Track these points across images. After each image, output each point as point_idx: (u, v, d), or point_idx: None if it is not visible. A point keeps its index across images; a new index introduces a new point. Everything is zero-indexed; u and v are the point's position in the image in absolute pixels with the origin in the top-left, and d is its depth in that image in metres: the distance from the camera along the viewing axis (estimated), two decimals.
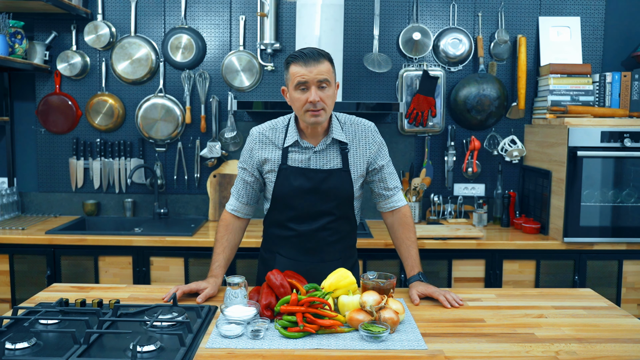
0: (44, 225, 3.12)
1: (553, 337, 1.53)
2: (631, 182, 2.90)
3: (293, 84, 1.77)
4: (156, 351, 1.38)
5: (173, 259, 2.89)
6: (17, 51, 3.13)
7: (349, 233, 2.00)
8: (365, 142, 1.93)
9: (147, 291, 1.94)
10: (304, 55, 1.75)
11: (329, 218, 1.91)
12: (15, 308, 1.65)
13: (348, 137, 1.91)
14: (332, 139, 1.88)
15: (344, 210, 1.93)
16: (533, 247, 2.89)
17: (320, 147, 1.88)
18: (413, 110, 3.26)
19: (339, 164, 1.89)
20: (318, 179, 1.87)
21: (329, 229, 1.92)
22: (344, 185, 1.89)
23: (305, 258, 1.95)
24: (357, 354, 1.42)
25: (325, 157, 1.89)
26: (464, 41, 3.31)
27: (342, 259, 1.99)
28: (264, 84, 3.35)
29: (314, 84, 1.75)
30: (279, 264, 1.97)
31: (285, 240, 1.96)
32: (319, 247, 1.94)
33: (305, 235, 1.92)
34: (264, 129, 1.94)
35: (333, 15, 2.92)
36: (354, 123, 1.94)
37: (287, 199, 1.89)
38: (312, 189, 1.87)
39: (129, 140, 3.39)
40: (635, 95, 3.04)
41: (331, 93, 1.79)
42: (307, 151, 1.88)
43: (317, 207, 1.89)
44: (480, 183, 3.42)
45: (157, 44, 3.33)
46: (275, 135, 1.92)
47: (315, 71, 1.74)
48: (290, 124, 1.90)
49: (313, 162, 1.88)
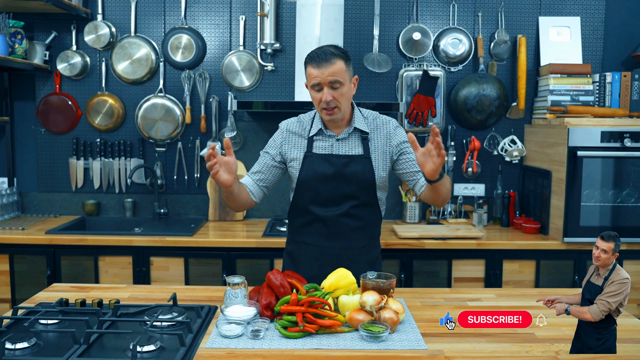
0: (44, 225, 3.12)
1: (553, 337, 1.53)
2: (631, 182, 2.90)
3: (310, 84, 1.89)
4: (156, 351, 1.38)
5: (173, 259, 2.89)
6: (17, 51, 3.13)
7: (373, 222, 2.04)
8: (386, 135, 2.00)
9: (147, 291, 1.94)
10: (317, 57, 1.84)
11: (351, 202, 1.96)
12: (15, 308, 1.65)
13: (370, 127, 2.00)
14: (354, 128, 1.97)
15: (366, 197, 1.97)
16: (533, 247, 2.89)
17: (342, 136, 1.97)
18: (413, 110, 3.26)
19: (360, 151, 1.97)
20: (340, 164, 1.94)
21: (352, 215, 1.97)
22: (365, 171, 1.95)
23: (330, 244, 1.99)
24: (357, 354, 1.42)
25: (348, 144, 1.97)
26: (464, 41, 3.31)
27: (367, 247, 2.03)
28: (264, 84, 3.35)
29: (326, 84, 1.84)
30: (305, 252, 2.02)
31: (310, 227, 2.00)
32: (343, 233, 1.98)
33: (329, 220, 1.96)
34: (292, 121, 2.06)
35: (333, 15, 2.92)
36: (376, 117, 2.04)
37: (311, 184, 1.96)
38: (334, 174, 1.94)
39: (129, 140, 3.39)
40: (635, 95, 3.04)
41: (345, 91, 1.87)
42: (330, 139, 1.98)
43: (340, 191, 1.95)
44: (480, 183, 3.42)
45: (157, 44, 3.33)
46: (301, 127, 2.02)
47: (327, 72, 1.82)
48: (316, 116, 2.01)
49: (336, 149, 1.97)
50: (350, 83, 1.91)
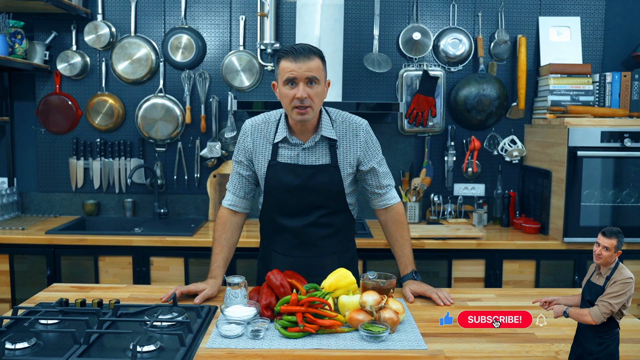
0: (44, 225, 3.12)
1: (553, 337, 1.53)
2: (631, 182, 2.90)
3: (282, 79, 1.76)
4: (156, 351, 1.38)
5: (173, 259, 2.89)
6: (17, 51, 3.13)
7: (344, 227, 1.99)
8: (356, 140, 1.90)
9: (147, 291, 1.94)
10: (295, 51, 1.73)
11: (320, 212, 1.91)
12: (15, 308, 1.65)
13: (338, 134, 1.89)
14: (320, 136, 1.87)
15: (336, 205, 1.93)
16: (533, 247, 2.89)
17: (309, 144, 1.87)
18: (413, 110, 3.26)
19: (328, 160, 1.88)
20: (306, 175, 1.86)
21: (321, 223, 1.92)
22: (332, 181, 1.88)
23: (300, 253, 1.94)
24: (357, 354, 1.42)
25: (314, 153, 1.88)
26: (464, 41, 3.31)
27: (338, 252, 1.98)
28: (264, 84, 3.35)
29: (303, 80, 1.74)
30: (275, 261, 1.98)
31: (279, 236, 1.96)
32: (313, 242, 1.93)
33: (298, 230, 1.92)
34: (257, 121, 1.94)
35: (333, 15, 2.92)
36: (346, 120, 1.92)
37: (277, 194, 1.90)
38: (301, 185, 1.87)
39: (129, 140, 3.38)
40: (635, 95, 3.04)
41: (320, 90, 1.78)
42: (296, 148, 1.88)
43: (307, 201, 1.89)
44: (480, 183, 3.42)
45: (157, 44, 3.33)
46: (267, 128, 1.91)
47: (305, 67, 1.72)
48: (281, 120, 1.90)
49: (302, 158, 1.88)
50: (324, 85, 1.81)
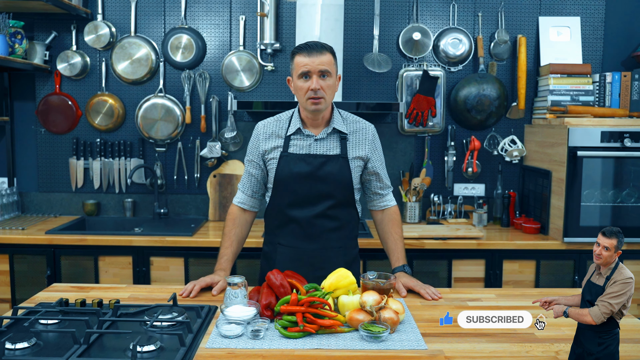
0: (44, 225, 3.12)
1: (553, 337, 1.53)
2: (631, 182, 2.90)
3: (297, 73, 1.88)
4: (156, 351, 1.38)
5: (173, 259, 2.89)
6: (17, 51, 3.13)
7: (350, 222, 2.04)
8: (364, 139, 2.01)
9: (147, 291, 1.94)
10: (308, 47, 1.87)
11: (328, 202, 1.95)
12: (15, 308, 1.65)
13: (349, 129, 2.00)
14: (332, 128, 1.97)
15: (343, 196, 1.97)
16: (533, 247, 2.89)
17: (321, 136, 1.97)
18: (413, 110, 3.26)
19: (338, 151, 1.97)
20: (317, 164, 1.94)
21: (328, 215, 1.96)
22: (342, 171, 1.95)
23: (306, 245, 1.98)
24: (357, 354, 1.42)
25: (326, 145, 1.97)
26: (464, 41, 3.31)
27: (343, 248, 2.02)
28: (264, 84, 3.35)
29: (316, 73, 1.85)
30: (281, 254, 2.01)
31: (286, 229, 2.00)
32: (319, 234, 1.97)
33: (306, 221, 1.96)
34: (269, 122, 2.03)
35: (333, 15, 2.92)
36: (355, 120, 2.03)
37: (287, 184, 1.95)
38: (310, 174, 1.93)
39: (129, 140, 3.39)
40: (635, 95, 3.04)
41: (331, 83, 1.89)
42: (308, 139, 1.97)
43: (316, 191, 1.94)
44: (480, 183, 3.42)
45: (157, 44, 3.33)
46: (279, 126, 2.01)
47: (317, 61, 1.85)
48: (294, 115, 2.00)
49: (313, 149, 1.96)
50: (336, 79, 1.92)
